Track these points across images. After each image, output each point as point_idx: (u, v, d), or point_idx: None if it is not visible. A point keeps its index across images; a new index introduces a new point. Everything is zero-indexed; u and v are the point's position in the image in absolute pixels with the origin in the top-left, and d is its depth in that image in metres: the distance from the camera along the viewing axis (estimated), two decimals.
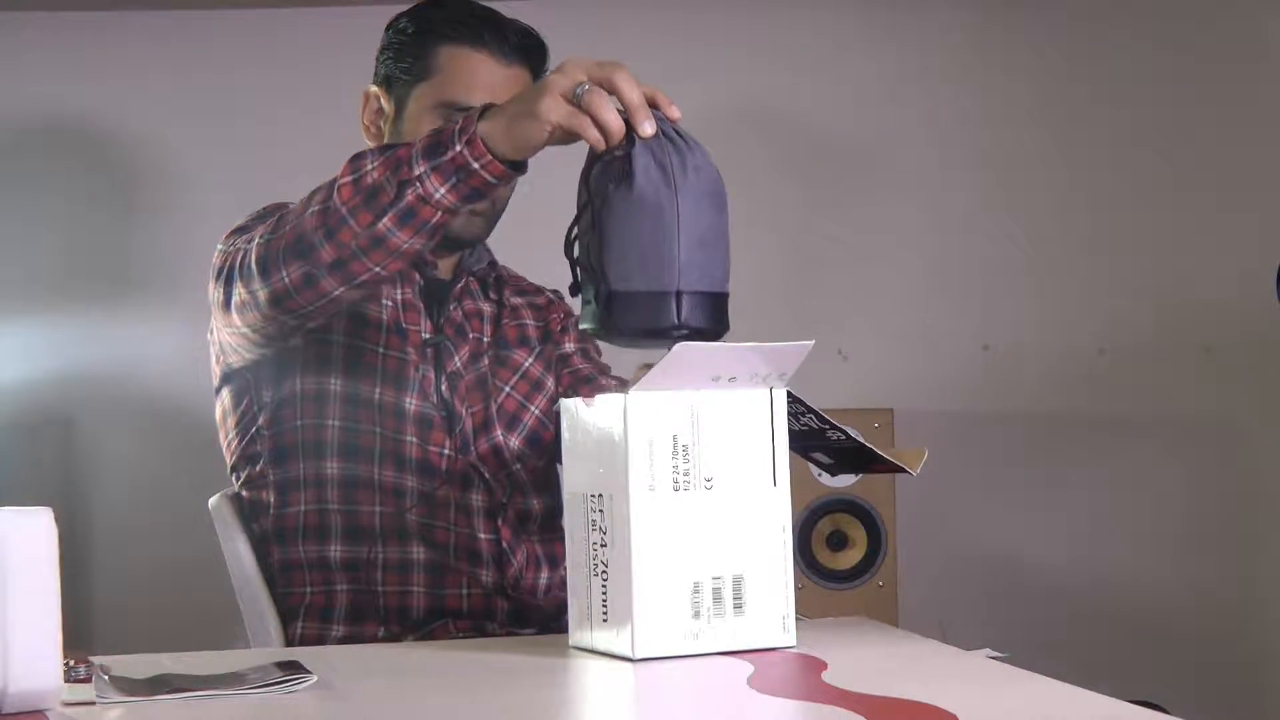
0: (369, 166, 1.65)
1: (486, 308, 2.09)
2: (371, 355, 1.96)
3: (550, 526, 2.06)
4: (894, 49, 3.65)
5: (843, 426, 1.70)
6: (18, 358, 3.37)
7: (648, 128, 1.52)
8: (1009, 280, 3.65)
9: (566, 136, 1.58)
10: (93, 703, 1.32)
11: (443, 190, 1.61)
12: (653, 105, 1.56)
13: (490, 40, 1.98)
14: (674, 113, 1.57)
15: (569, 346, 2.14)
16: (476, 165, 1.59)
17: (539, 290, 2.18)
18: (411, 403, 1.95)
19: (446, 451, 1.96)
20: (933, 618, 3.29)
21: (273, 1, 3.48)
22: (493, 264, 2.14)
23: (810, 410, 1.67)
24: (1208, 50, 3.64)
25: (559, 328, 2.15)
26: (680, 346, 1.47)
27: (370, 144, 2.05)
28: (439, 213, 1.63)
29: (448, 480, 1.95)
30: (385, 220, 1.63)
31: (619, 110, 1.54)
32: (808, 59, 3.65)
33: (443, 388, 1.97)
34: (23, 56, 3.47)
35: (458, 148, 1.59)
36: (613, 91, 1.54)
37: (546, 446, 2.05)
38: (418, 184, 1.61)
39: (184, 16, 3.48)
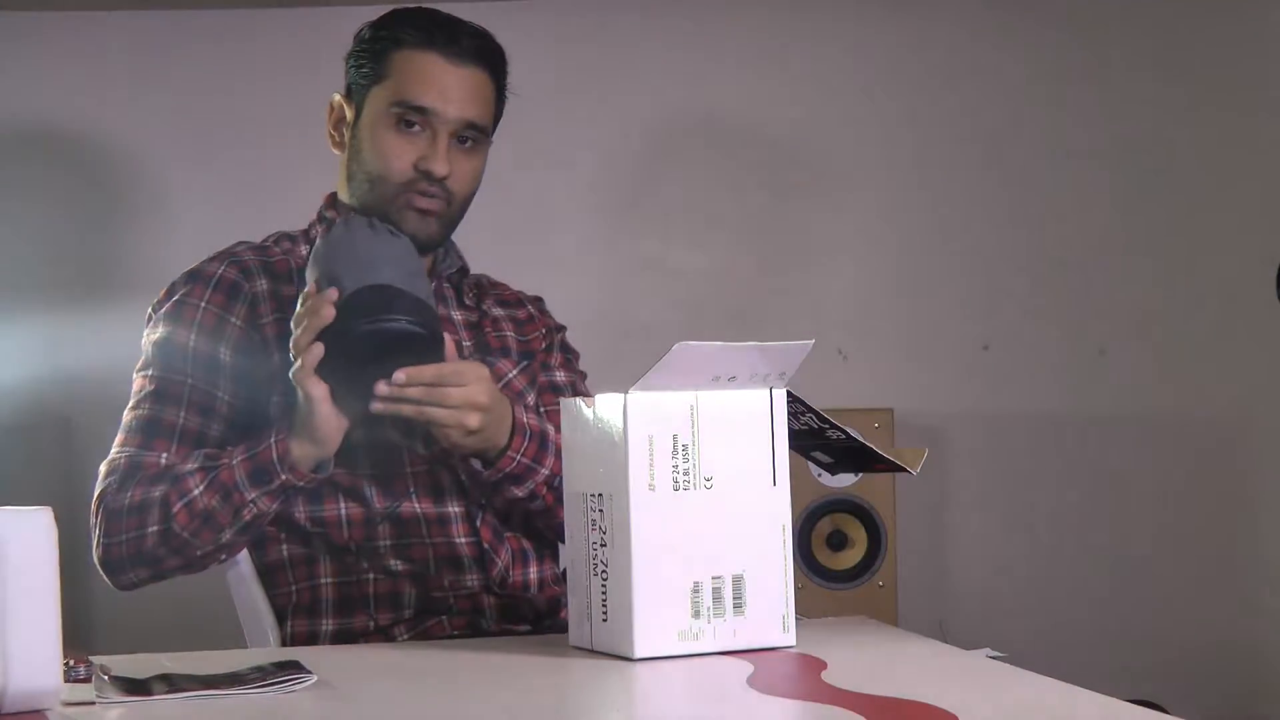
0: (195, 491, 1.84)
1: (458, 315, 2.08)
2: None
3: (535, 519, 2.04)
4: (891, 49, 3.65)
5: (843, 426, 1.70)
6: (17, 358, 3.36)
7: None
8: (1009, 280, 3.65)
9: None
10: (93, 703, 1.32)
11: (274, 505, 1.86)
12: None
13: (441, 42, 2.01)
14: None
15: (559, 376, 2.13)
16: (302, 484, 1.85)
17: (520, 302, 2.17)
18: None
19: (415, 469, 1.95)
20: (933, 618, 3.29)
21: (258, 3, 3.48)
22: (464, 270, 2.12)
23: (810, 410, 1.67)
24: (1207, 48, 3.64)
25: (542, 346, 2.13)
26: (680, 346, 1.47)
27: (335, 151, 2.08)
28: (271, 513, 1.87)
29: (413, 494, 1.94)
30: (226, 534, 1.86)
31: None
32: (805, 61, 3.65)
33: None
34: (21, 57, 3.46)
35: (283, 476, 1.83)
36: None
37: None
38: (252, 505, 1.84)
39: (180, 18, 3.48)
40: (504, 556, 1.96)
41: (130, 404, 1.98)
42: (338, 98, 2.07)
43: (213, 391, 1.94)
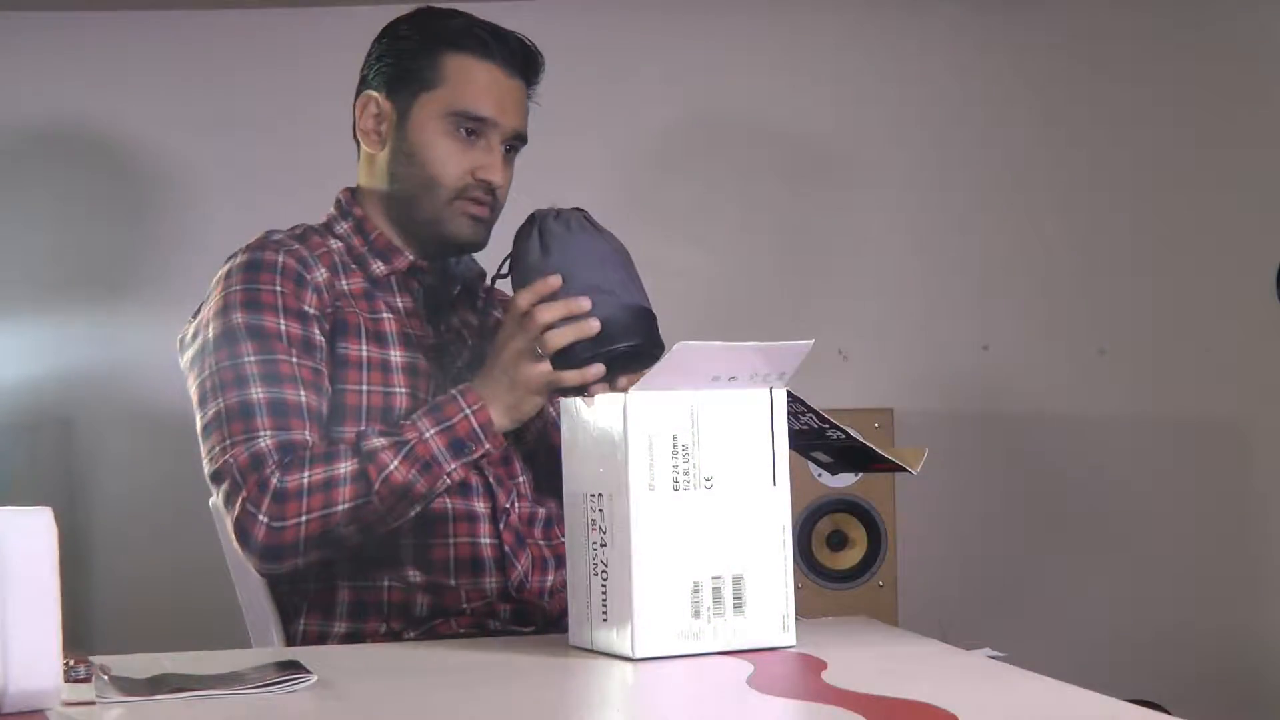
0: (392, 464, 1.82)
1: (474, 320, 2.09)
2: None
3: (555, 530, 2.05)
4: (890, 49, 3.65)
5: (843, 426, 1.70)
6: (18, 358, 3.36)
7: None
8: (1009, 280, 3.65)
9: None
10: (93, 703, 1.32)
11: (465, 476, 1.88)
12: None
13: (497, 51, 2.01)
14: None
15: None
16: (496, 453, 1.88)
17: None
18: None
19: None
20: (933, 618, 3.29)
21: (272, 1, 3.47)
22: (482, 274, 2.13)
23: (810, 410, 1.67)
24: (1208, 49, 3.64)
25: None
26: (680, 346, 1.47)
27: (370, 150, 2.05)
28: (455, 486, 1.88)
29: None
30: (416, 507, 1.86)
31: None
32: (804, 61, 3.65)
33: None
34: (23, 57, 3.46)
35: (486, 445, 1.85)
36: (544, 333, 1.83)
37: (544, 461, 2.04)
38: (447, 478, 1.85)
39: (183, 17, 3.48)
40: (524, 561, 1.96)
41: (217, 395, 1.87)
42: (374, 94, 2.04)
43: (319, 368, 1.91)
